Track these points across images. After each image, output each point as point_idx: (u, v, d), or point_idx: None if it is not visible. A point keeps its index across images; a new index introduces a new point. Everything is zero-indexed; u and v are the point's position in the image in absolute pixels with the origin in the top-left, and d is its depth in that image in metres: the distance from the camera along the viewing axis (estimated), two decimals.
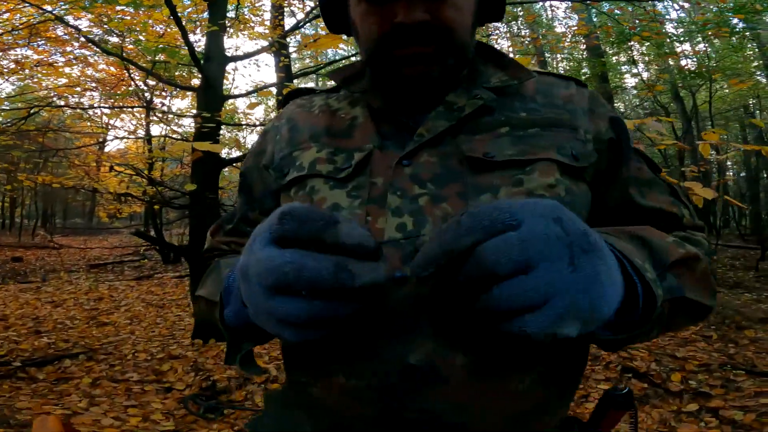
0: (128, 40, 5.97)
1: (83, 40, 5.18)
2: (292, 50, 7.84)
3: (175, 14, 3.60)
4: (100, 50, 5.21)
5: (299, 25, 5.15)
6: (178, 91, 8.33)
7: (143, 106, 7.82)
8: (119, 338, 4.39)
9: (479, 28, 0.69)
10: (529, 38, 8.60)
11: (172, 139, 7.80)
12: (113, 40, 5.81)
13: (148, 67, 5.63)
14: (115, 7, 5.17)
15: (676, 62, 9.85)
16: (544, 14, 10.73)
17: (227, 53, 4.70)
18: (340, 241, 0.40)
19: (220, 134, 4.46)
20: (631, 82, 13.52)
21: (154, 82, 7.29)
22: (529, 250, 0.36)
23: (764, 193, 11.90)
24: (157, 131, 9.74)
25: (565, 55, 9.81)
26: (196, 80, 7.25)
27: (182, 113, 8.84)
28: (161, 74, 6.37)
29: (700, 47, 9.61)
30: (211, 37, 4.40)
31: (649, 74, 11.41)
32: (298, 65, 10.89)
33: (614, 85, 11.02)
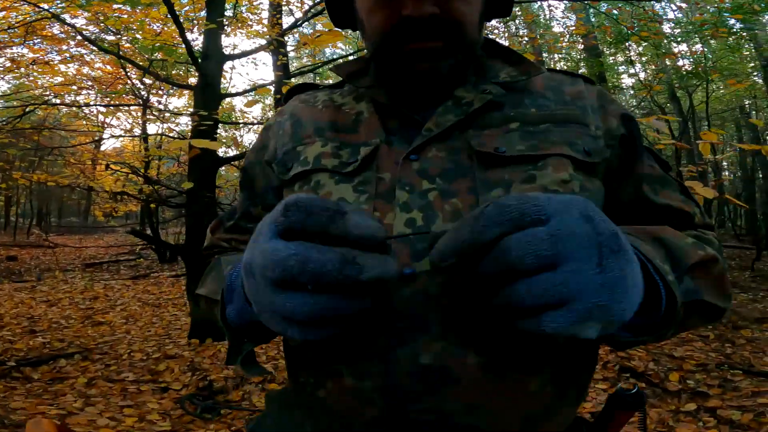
0: (125, 38, 5.94)
1: (79, 38, 5.15)
2: (289, 49, 7.83)
3: (172, 12, 3.58)
4: (96, 48, 5.18)
5: (297, 23, 5.13)
6: (175, 89, 8.31)
7: (140, 104, 7.78)
8: (115, 338, 4.36)
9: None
10: (527, 38, 8.60)
11: (168, 137, 7.76)
12: (110, 38, 5.78)
13: (145, 65, 5.60)
14: (112, 5, 5.15)
15: (672, 62, 9.88)
16: (542, 14, 10.76)
17: (225, 51, 4.69)
18: (348, 232, 0.38)
19: (217, 133, 4.45)
20: (627, 82, 13.58)
21: (150, 80, 7.27)
22: (557, 246, 0.34)
23: (760, 193, 11.95)
24: (153, 130, 9.72)
25: (562, 55, 9.83)
26: (193, 79, 7.23)
27: (179, 111, 8.82)
28: (158, 72, 6.34)
29: (696, 47, 9.64)
30: (208, 35, 4.38)
31: (646, 74, 11.44)
32: (295, 64, 10.87)
33: (612, 84, 11.05)
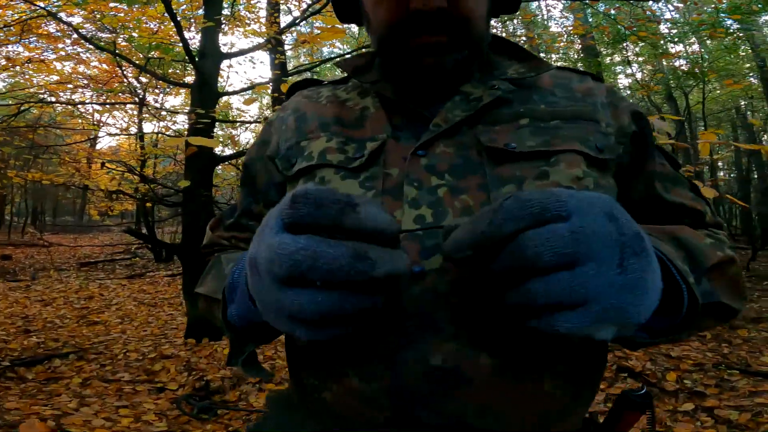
0: (122, 36, 5.91)
1: (75, 36, 5.11)
2: (287, 47, 7.81)
3: (170, 10, 3.56)
4: (92, 47, 5.15)
5: (296, 22, 5.12)
6: (171, 88, 8.26)
7: (136, 102, 7.74)
8: (110, 338, 4.34)
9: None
10: (525, 37, 8.62)
11: (165, 136, 7.72)
12: (106, 36, 5.75)
13: (141, 64, 5.57)
14: (108, 3, 5.12)
15: (669, 62, 9.93)
16: (539, 14, 10.79)
17: (222, 50, 4.67)
18: (360, 225, 0.36)
19: (214, 132, 4.43)
20: (624, 82, 13.62)
21: (147, 78, 7.23)
22: (578, 245, 0.33)
23: (755, 193, 12.01)
24: (150, 128, 9.68)
25: (560, 55, 9.86)
26: (189, 77, 7.20)
27: (176, 110, 8.78)
28: (155, 71, 6.31)
29: (693, 48, 9.69)
30: (206, 33, 4.37)
31: (642, 74, 11.48)
32: (292, 63, 10.86)
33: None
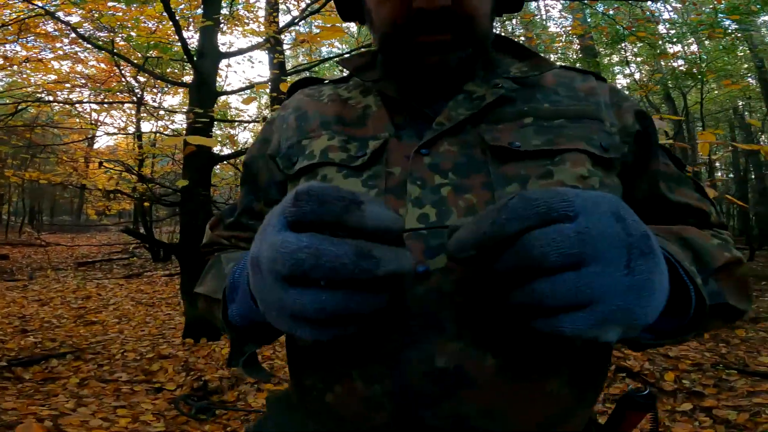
0: (120, 36, 5.89)
1: (73, 35, 5.10)
2: (286, 47, 7.80)
3: (168, 9, 3.55)
4: (90, 46, 5.14)
5: (295, 21, 5.11)
6: (169, 87, 8.24)
7: (134, 101, 7.72)
8: (107, 337, 4.32)
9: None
10: (524, 37, 8.63)
11: (163, 135, 7.70)
12: (104, 35, 5.74)
13: (139, 63, 5.56)
14: (106, 2, 5.11)
15: (667, 63, 9.95)
16: (538, 14, 10.80)
17: (221, 49, 4.66)
18: (365, 223, 0.35)
19: (212, 131, 4.42)
20: (622, 82, 13.65)
21: (145, 78, 7.22)
22: (584, 245, 0.33)
23: (753, 193, 12.04)
24: (148, 128, 9.65)
25: (558, 55, 9.87)
26: (188, 77, 7.18)
27: (174, 109, 8.76)
28: (153, 70, 6.30)
29: (692, 48, 9.71)
30: (204, 33, 4.35)
31: (641, 75, 11.50)
32: (291, 63, 10.86)
33: None
